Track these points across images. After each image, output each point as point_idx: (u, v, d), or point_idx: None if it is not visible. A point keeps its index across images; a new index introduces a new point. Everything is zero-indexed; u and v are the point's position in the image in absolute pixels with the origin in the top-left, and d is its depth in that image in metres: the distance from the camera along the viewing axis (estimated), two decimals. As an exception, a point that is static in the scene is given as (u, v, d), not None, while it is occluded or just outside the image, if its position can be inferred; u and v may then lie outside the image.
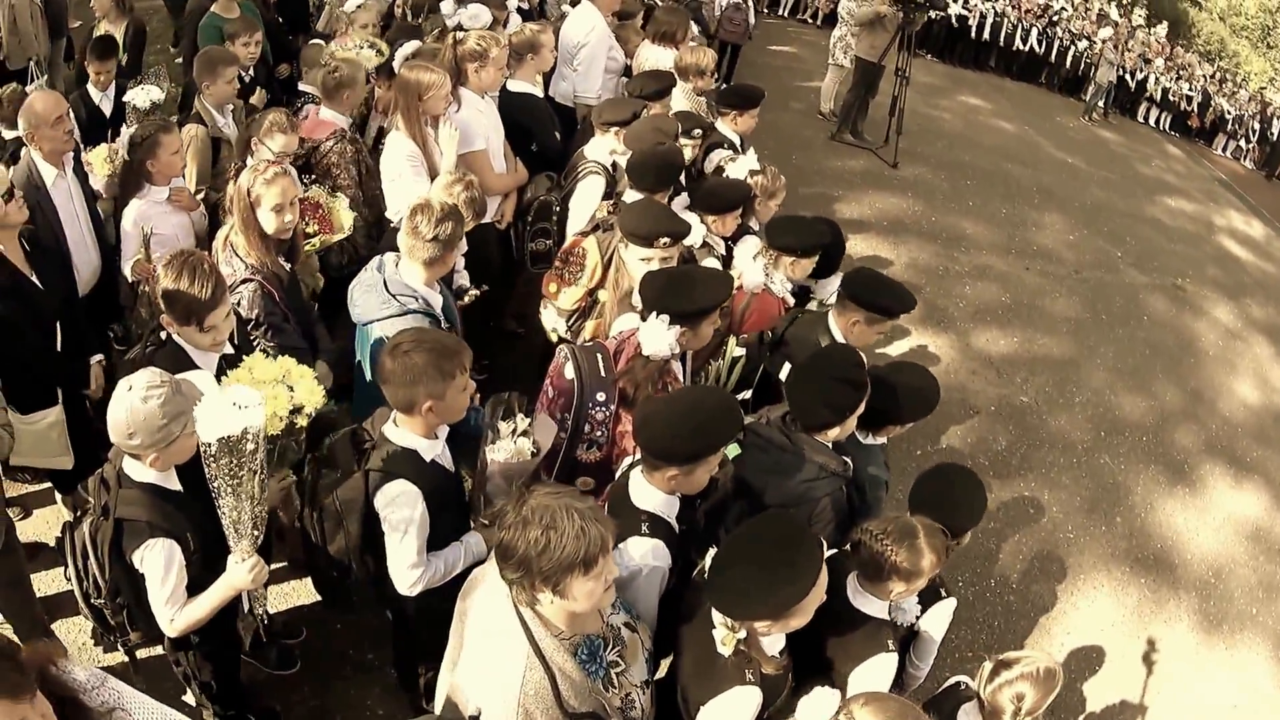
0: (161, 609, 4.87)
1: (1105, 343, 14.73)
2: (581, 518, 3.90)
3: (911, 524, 5.01)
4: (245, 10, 11.48)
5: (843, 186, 17.39)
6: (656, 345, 5.82)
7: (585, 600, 4.02)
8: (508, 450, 5.41)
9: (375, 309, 6.26)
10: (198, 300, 5.42)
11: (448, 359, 4.98)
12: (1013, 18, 31.73)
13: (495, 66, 8.63)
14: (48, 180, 7.26)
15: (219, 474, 4.45)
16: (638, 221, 6.70)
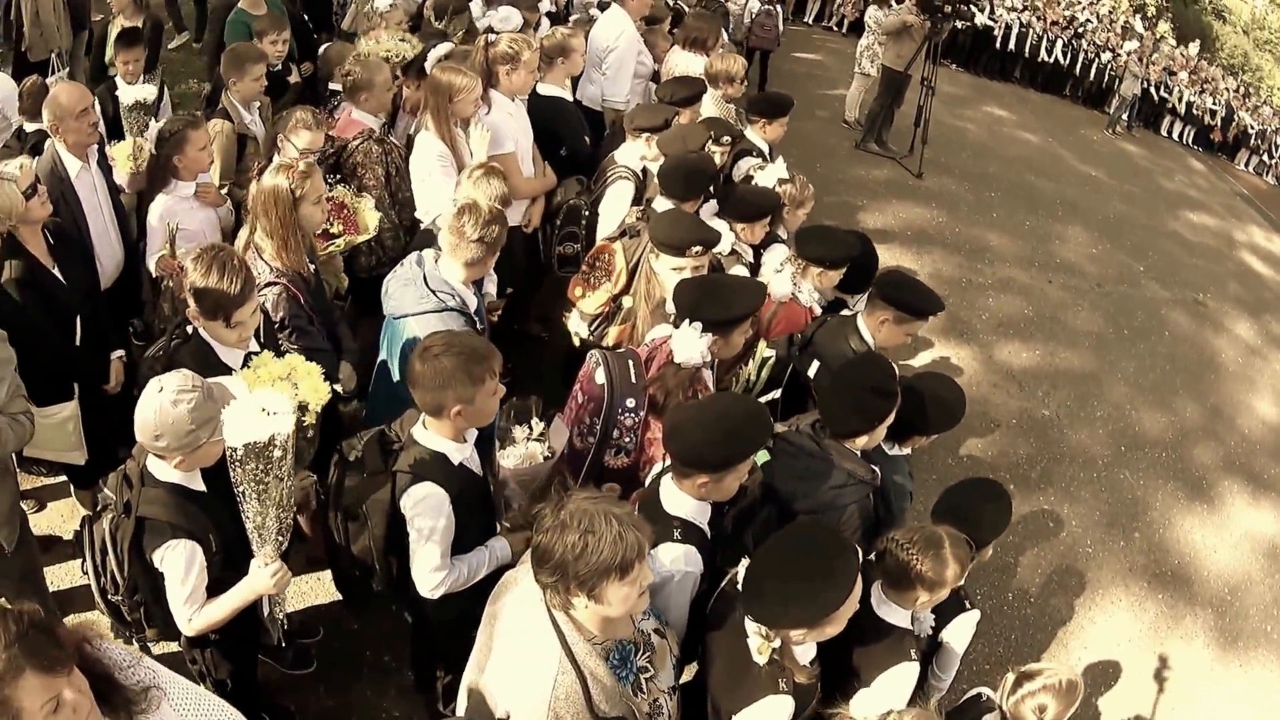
0: (180, 609, 4.85)
1: (1126, 357, 14.71)
2: (619, 523, 3.89)
3: (937, 534, 5.05)
4: (272, 7, 11.49)
5: (867, 196, 17.42)
6: (688, 353, 5.82)
7: (620, 606, 4.01)
8: (518, 455, 5.46)
9: (412, 303, 6.23)
10: (226, 295, 5.41)
11: (478, 363, 4.96)
12: (1038, 29, 31.70)
13: (526, 70, 8.61)
14: (72, 172, 7.23)
15: (244, 479, 4.42)
16: (669, 231, 6.69)
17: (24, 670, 3.10)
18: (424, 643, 6.35)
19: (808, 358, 6.90)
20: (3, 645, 3.09)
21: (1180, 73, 34.67)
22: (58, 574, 7.05)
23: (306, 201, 6.54)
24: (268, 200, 6.44)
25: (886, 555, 5.05)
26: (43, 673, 3.14)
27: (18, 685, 3.10)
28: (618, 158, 8.58)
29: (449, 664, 6.07)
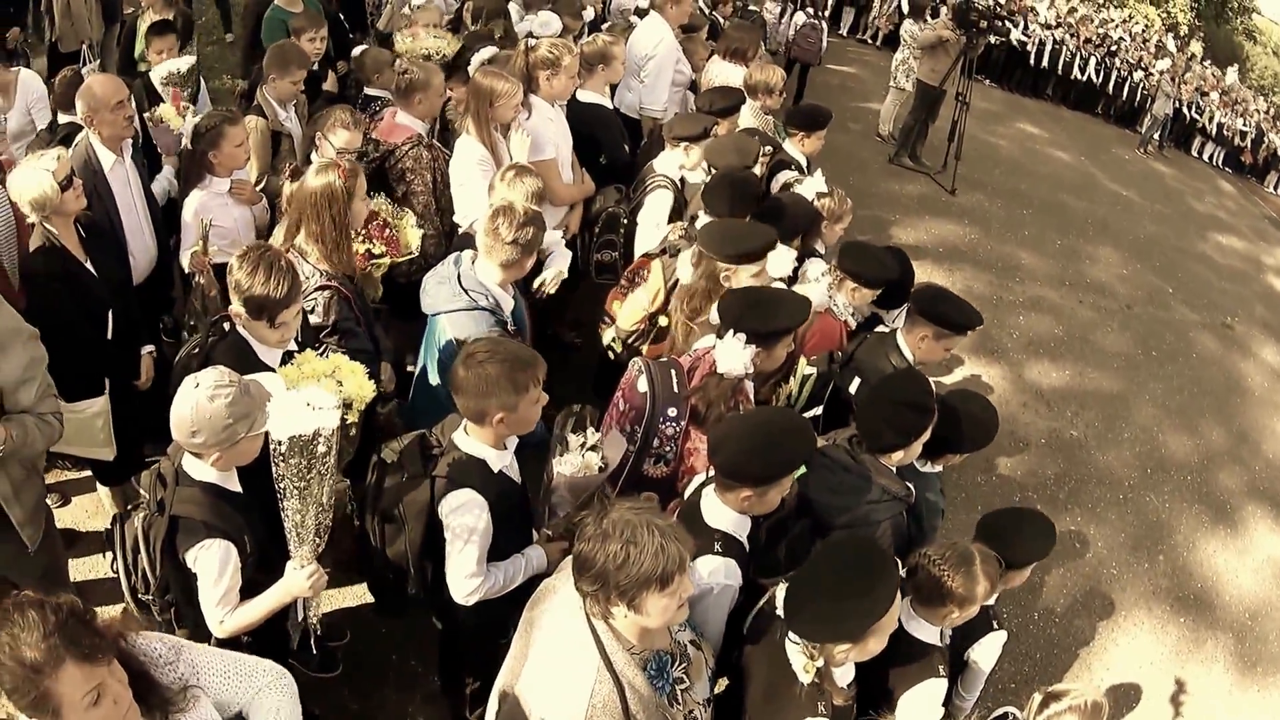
0: (212, 610, 4.80)
1: (1154, 379, 14.68)
2: (662, 535, 3.90)
3: (969, 550, 5.11)
4: (309, 5, 11.48)
5: (899, 211, 17.44)
6: (731, 363, 5.81)
7: (659, 617, 4.01)
8: (575, 464, 5.43)
9: (445, 301, 6.24)
10: (272, 297, 5.38)
11: (522, 371, 4.94)
12: (1071, 46, 31.63)
13: (567, 75, 8.61)
14: (105, 165, 7.17)
15: (288, 475, 4.39)
16: (738, 242, 6.65)
17: (64, 660, 3.12)
18: (453, 648, 6.27)
19: (849, 375, 6.91)
20: (41, 635, 3.12)
21: (1212, 93, 34.57)
22: (80, 568, 7.10)
23: (355, 198, 6.56)
24: (318, 201, 6.41)
25: (919, 570, 5.09)
26: (83, 662, 3.16)
27: (59, 676, 3.12)
28: (656, 166, 8.57)
29: (477, 670, 6.04)
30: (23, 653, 3.10)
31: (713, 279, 6.60)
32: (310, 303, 6.34)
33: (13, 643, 3.12)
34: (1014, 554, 5.77)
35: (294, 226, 6.55)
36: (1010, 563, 5.75)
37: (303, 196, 6.49)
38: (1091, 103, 32.42)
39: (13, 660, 3.11)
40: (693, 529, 4.89)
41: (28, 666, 3.10)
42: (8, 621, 3.16)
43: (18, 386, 5.19)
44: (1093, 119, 31.71)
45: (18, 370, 5.17)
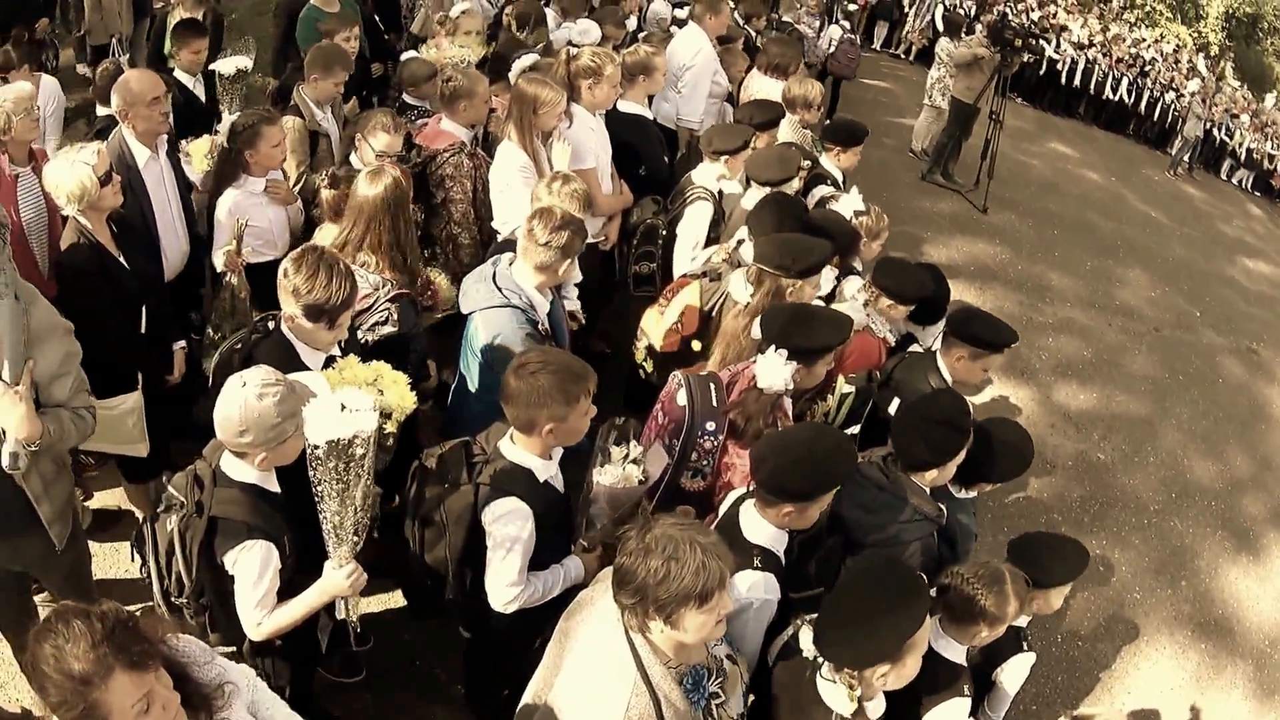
0: (250, 612, 4.78)
1: (1180, 404, 14.64)
2: (704, 552, 3.91)
3: (1000, 570, 5.17)
4: (345, 6, 11.47)
5: (931, 228, 17.44)
6: (772, 379, 5.84)
7: (696, 633, 4.03)
8: (615, 475, 5.39)
9: (481, 299, 6.27)
10: (334, 301, 5.41)
11: (574, 382, 4.97)
12: (1104, 66, 31.59)
13: (609, 84, 8.61)
14: (139, 161, 7.18)
15: (325, 478, 4.41)
16: (803, 256, 6.67)
17: (114, 670, 3.10)
18: (481, 656, 6.28)
19: (888, 394, 6.96)
20: (89, 645, 3.09)
21: (1242, 116, 34.44)
22: (100, 566, 7.08)
23: (408, 204, 6.59)
24: (377, 211, 6.45)
25: (951, 589, 5.15)
26: (132, 670, 3.14)
27: (108, 686, 3.09)
28: (695, 178, 8.59)
29: (505, 679, 5.98)
30: (70, 665, 3.08)
31: (778, 296, 6.61)
32: (383, 313, 6.38)
33: (58, 655, 3.10)
34: (1045, 575, 5.85)
35: (357, 241, 6.55)
36: (1040, 582, 5.83)
37: (358, 206, 6.53)
38: (1123, 123, 32.30)
39: (59, 673, 3.09)
40: (731, 543, 4.80)
41: (76, 679, 3.07)
42: (50, 634, 3.14)
43: (53, 380, 5.21)
44: (1123, 139, 31.62)
45: (54, 364, 5.19)
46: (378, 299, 6.37)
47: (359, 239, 6.53)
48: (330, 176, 7.28)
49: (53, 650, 3.10)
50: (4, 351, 4.84)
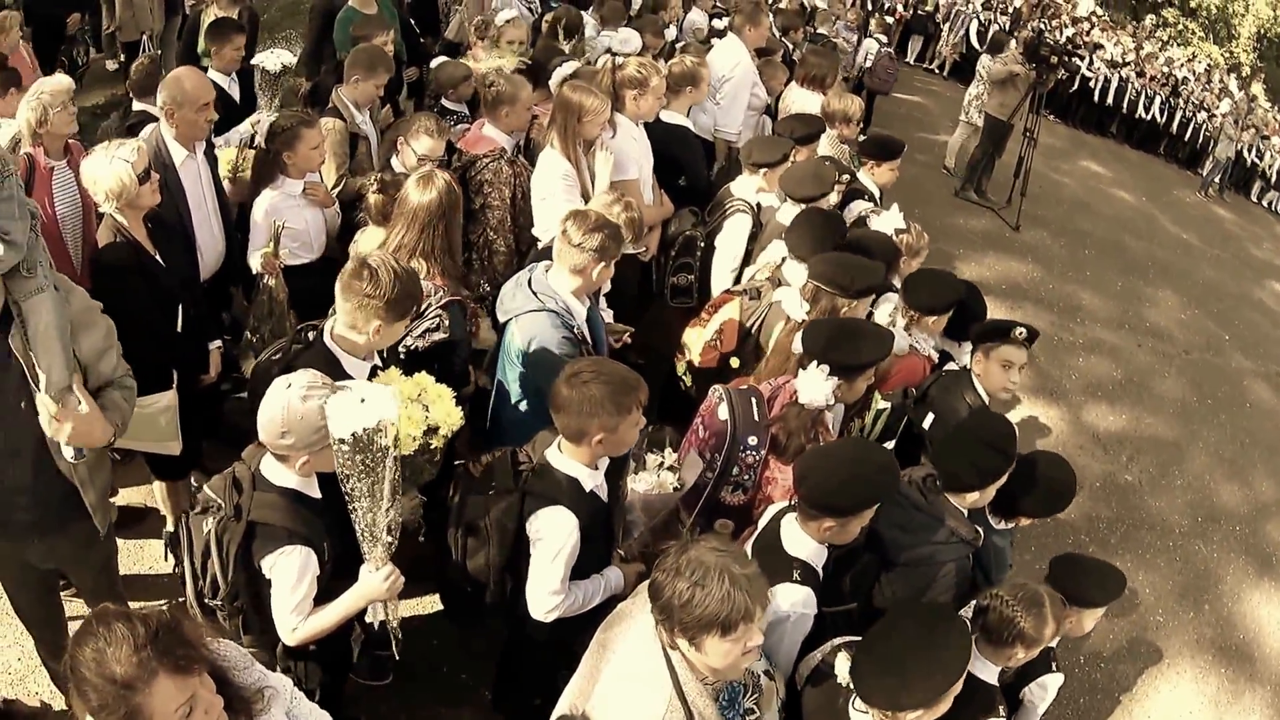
0: (286, 617, 4.76)
1: (1208, 428, 14.60)
2: (732, 582, 3.88)
3: (1039, 592, 5.19)
4: (383, 8, 11.43)
5: (964, 245, 17.48)
6: (813, 394, 5.87)
7: (719, 660, 4.02)
8: (650, 482, 5.50)
9: (517, 305, 6.25)
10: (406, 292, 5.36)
11: (625, 393, 4.96)
12: (1136, 84, 31.54)
13: (654, 95, 8.61)
14: (176, 160, 7.14)
15: (352, 472, 4.40)
16: (861, 276, 6.73)
17: (157, 674, 3.09)
18: (514, 663, 6.26)
19: (922, 410, 6.97)
20: (132, 649, 3.07)
21: (1273, 137, 34.26)
22: (123, 562, 7.02)
23: (459, 210, 6.63)
24: (430, 215, 6.42)
25: (989, 611, 5.16)
26: (176, 674, 3.13)
27: (151, 690, 3.08)
28: (734, 190, 8.60)
29: (537, 687, 5.91)
30: (111, 669, 3.06)
31: (833, 315, 6.63)
32: (435, 319, 6.36)
33: (99, 658, 3.08)
34: (1083, 597, 5.91)
35: (410, 247, 6.47)
36: (1077, 603, 5.88)
37: (411, 212, 6.47)
38: (1154, 143, 32.21)
39: (100, 677, 3.07)
40: (771, 556, 5.02)
41: (118, 683, 3.05)
42: (91, 636, 3.12)
43: (100, 358, 5.24)
44: (1155, 159, 31.51)
45: (98, 343, 5.22)
46: (430, 305, 6.33)
47: (412, 245, 6.47)
48: (379, 181, 7.27)
49: (94, 653, 3.09)
50: (54, 347, 4.88)
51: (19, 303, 4.83)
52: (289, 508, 4.72)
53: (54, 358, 4.90)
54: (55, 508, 5.34)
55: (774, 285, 7.38)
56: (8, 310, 4.86)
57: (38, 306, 4.85)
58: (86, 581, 6.15)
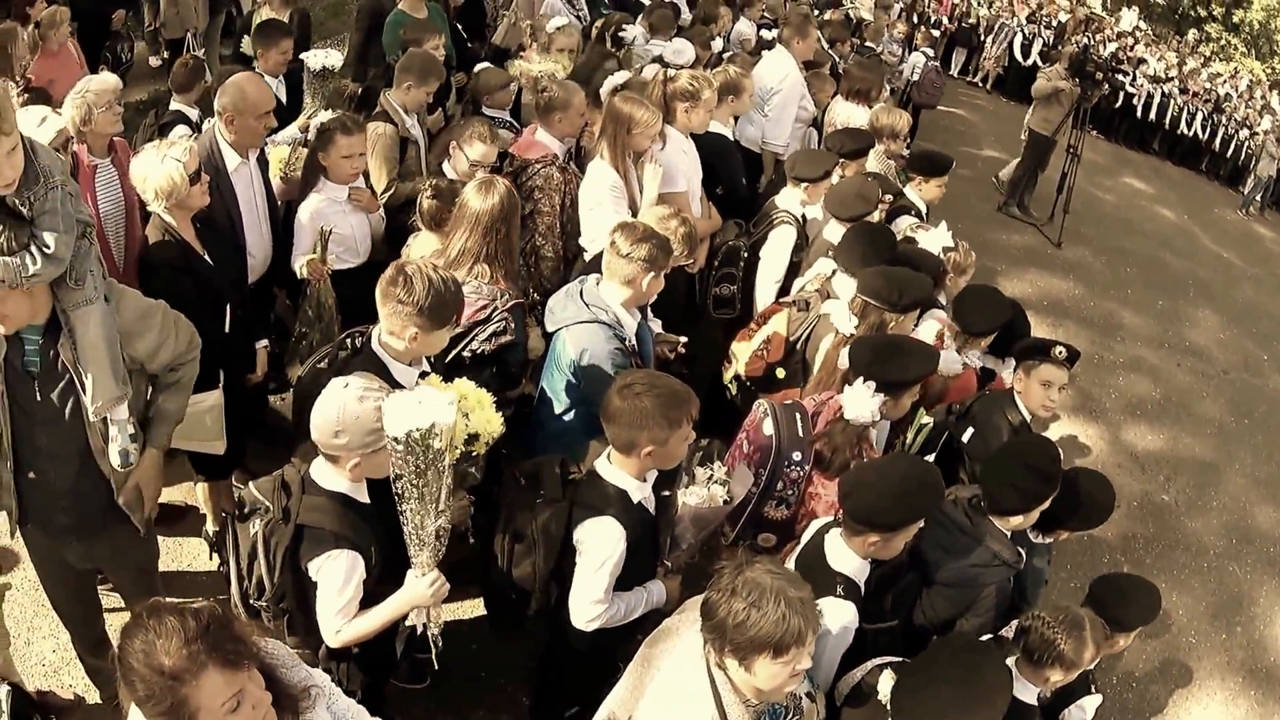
0: (331, 619, 4.78)
1: (1245, 449, 14.51)
2: (787, 605, 3.93)
3: (1080, 616, 5.23)
4: (432, 12, 11.44)
5: (1006, 261, 17.48)
6: (859, 411, 5.90)
7: (768, 682, 4.06)
8: (701, 495, 5.46)
9: (568, 315, 6.25)
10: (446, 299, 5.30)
11: (677, 407, 4.98)
12: (1179, 100, 31.46)
13: (705, 109, 8.61)
14: (230, 165, 7.11)
15: (404, 472, 4.40)
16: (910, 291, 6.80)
17: (206, 667, 3.12)
18: (552, 670, 6.25)
19: (963, 425, 7.00)
20: (181, 641, 3.10)
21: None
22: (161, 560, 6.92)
23: (519, 215, 6.64)
24: (493, 221, 6.41)
25: (1031, 632, 5.20)
26: (226, 668, 3.16)
27: (198, 683, 3.11)
28: (779, 202, 8.62)
29: (576, 696, 6.01)
30: (160, 660, 3.09)
31: (880, 329, 6.67)
32: (500, 323, 6.37)
33: (148, 650, 3.11)
34: (1125, 618, 5.94)
35: (474, 253, 6.46)
36: (1119, 625, 5.93)
37: (473, 218, 6.43)
38: (1196, 159, 31.99)
39: (147, 668, 3.10)
40: (815, 571, 5.06)
41: (166, 674, 3.08)
42: (141, 629, 3.15)
43: (154, 356, 5.32)
44: (1196, 176, 31.32)
45: (152, 344, 5.29)
46: (495, 309, 6.37)
47: (475, 250, 6.46)
48: (434, 187, 7.18)
49: (143, 645, 3.12)
50: (102, 361, 4.97)
51: (67, 312, 4.91)
52: (338, 511, 4.74)
53: (101, 371, 4.98)
54: (95, 511, 5.40)
55: (822, 297, 7.41)
56: (56, 318, 4.94)
57: (86, 319, 4.93)
58: (125, 583, 6.21)
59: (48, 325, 4.94)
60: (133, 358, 5.20)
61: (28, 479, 5.21)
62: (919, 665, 4.69)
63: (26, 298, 4.79)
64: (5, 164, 4.39)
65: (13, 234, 4.54)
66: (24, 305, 4.81)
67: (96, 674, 6.33)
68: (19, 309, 4.81)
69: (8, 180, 4.45)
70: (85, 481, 5.25)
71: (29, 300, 4.82)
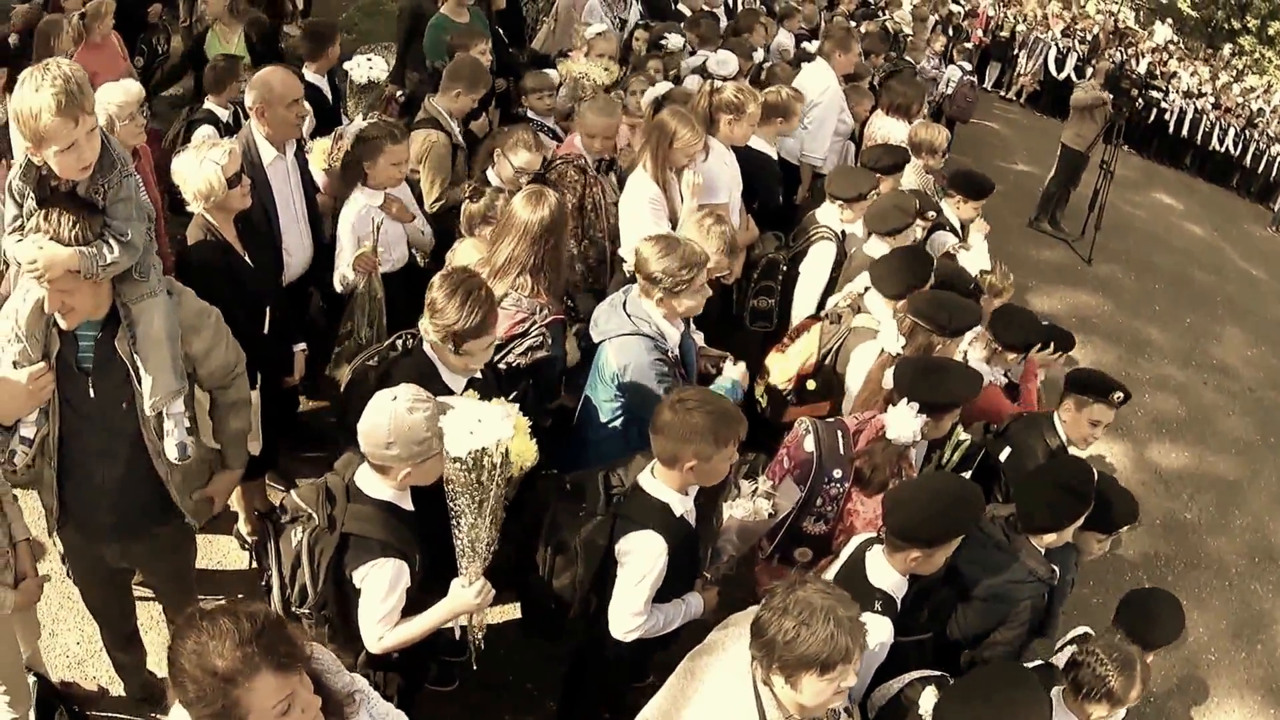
0: (373, 627, 4.79)
1: (1269, 468, 14.50)
2: (837, 624, 4.01)
3: (1133, 655, 5.26)
4: (474, 17, 11.43)
5: (1036, 276, 17.50)
6: (902, 431, 5.97)
7: (813, 699, 4.14)
8: (746, 509, 5.56)
9: (611, 327, 6.26)
10: (461, 326, 5.31)
11: (727, 426, 5.02)
12: (1212, 116, 31.31)
13: (749, 123, 8.65)
14: (265, 160, 7.09)
15: (463, 490, 4.46)
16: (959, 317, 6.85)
17: (260, 669, 3.12)
18: (583, 677, 6.29)
19: (1000, 444, 7.11)
20: (235, 643, 3.11)
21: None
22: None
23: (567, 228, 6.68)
24: (542, 232, 6.38)
25: (1083, 667, 5.24)
26: (279, 671, 3.17)
27: (251, 685, 3.11)
28: (819, 217, 8.68)
29: (604, 702, 6.17)
30: (213, 662, 3.09)
31: (928, 351, 6.72)
32: (538, 337, 6.37)
33: (200, 652, 3.11)
34: (1155, 637, 6.06)
35: (520, 264, 6.43)
36: (1149, 644, 6.04)
37: (521, 228, 6.40)
38: (1227, 175, 31.81)
39: (200, 670, 3.10)
40: (854, 585, 5.09)
41: (219, 676, 3.09)
42: (194, 630, 3.16)
43: (208, 354, 5.35)
44: (1226, 192, 31.17)
45: (209, 340, 5.32)
46: (534, 323, 6.38)
47: (523, 261, 6.43)
48: (473, 191, 7.28)
49: (195, 646, 3.12)
50: (163, 355, 5.01)
51: (128, 305, 4.92)
52: (384, 519, 4.77)
53: (161, 365, 5.01)
54: (138, 511, 5.41)
55: (854, 312, 7.46)
56: (115, 312, 4.95)
57: (148, 311, 4.95)
58: (161, 582, 6.28)
59: (105, 320, 4.96)
60: (188, 355, 5.22)
61: (71, 479, 5.21)
62: (964, 685, 4.79)
63: (93, 291, 4.81)
64: (86, 145, 4.44)
65: (86, 224, 4.58)
66: (90, 299, 4.83)
67: (123, 669, 6.41)
68: (85, 302, 4.83)
69: (87, 162, 4.51)
70: (132, 480, 5.27)
71: (95, 294, 4.83)
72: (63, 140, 4.32)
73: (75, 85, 4.27)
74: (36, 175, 4.52)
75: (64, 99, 4.20)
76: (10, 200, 4.64)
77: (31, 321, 4.80)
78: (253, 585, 5.26)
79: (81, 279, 4.64)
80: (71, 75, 4.28)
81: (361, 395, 4.85)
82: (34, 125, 4.26)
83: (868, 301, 7.40)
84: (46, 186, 4.57)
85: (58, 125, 4.24)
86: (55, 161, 4.42)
